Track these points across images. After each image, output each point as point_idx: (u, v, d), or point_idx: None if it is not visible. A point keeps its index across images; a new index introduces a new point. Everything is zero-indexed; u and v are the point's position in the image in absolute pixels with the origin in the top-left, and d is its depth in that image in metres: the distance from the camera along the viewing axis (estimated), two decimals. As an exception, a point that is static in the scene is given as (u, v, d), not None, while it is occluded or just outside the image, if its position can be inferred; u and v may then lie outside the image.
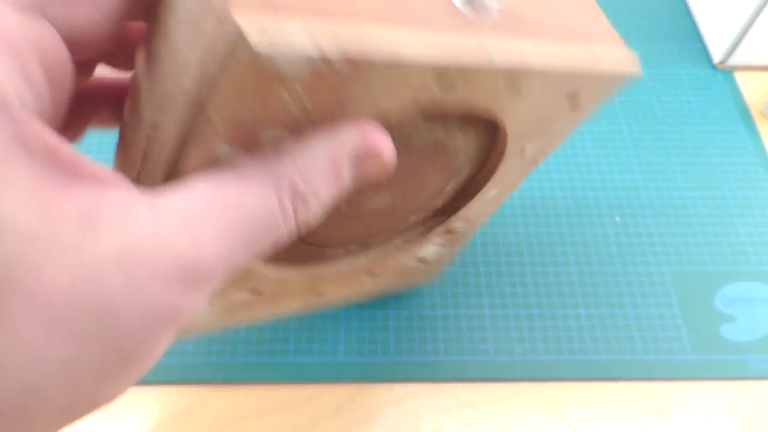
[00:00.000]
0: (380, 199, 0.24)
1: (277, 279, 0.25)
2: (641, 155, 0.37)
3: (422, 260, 0.29)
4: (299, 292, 0.27)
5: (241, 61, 0.13)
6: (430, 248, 0.28)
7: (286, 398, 0.29)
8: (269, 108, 0.14)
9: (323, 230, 0.24)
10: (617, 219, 0.35)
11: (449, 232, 0.28)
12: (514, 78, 0.18)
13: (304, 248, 0.25)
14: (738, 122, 0.39)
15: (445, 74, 0.17)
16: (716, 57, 0.42)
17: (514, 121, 0.21)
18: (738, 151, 0.38)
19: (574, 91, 0.20)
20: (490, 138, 0.23)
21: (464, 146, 0.23)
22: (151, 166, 0.17)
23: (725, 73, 0.42)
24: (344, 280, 0.27)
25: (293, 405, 0.28)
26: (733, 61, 0.41)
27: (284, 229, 0.15)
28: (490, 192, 0.26)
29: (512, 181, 0.26)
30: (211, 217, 0.13)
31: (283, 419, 0.28)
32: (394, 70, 0.15)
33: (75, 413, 0.13)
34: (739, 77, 0.41)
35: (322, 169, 0.15)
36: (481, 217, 0.28)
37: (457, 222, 0.27)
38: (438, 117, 0.21)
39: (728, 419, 0.29)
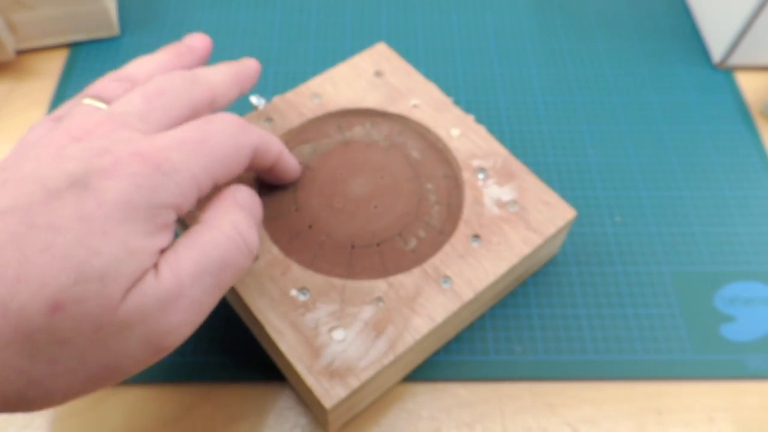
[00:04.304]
0: (359, 184, 0.31)
1: (389, 283, 0.27)
2: (641, 155, 0.37)
3: (510, 203, 0.30)
4: (424, 287, 0.27)
5: None
6: (492, 187, 0.30)
7: (285, 398, 0.29)
8: None
9: (357, 230, 0.29)
10: (617, 219, 0.35)
11: (481, 166, 0.31)
12: None
13: (372, 252, 0.29)
14: (738, 122, 0.39)
15: None
16: (716, 57, 0.42)
17: None
18: (738, 151, 0.38)
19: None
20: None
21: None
22: None
23: (725, 73, 0.42)
24: (456, 256, 0.28)
25: (294, 404, 0.28)
26: (733, 60, 0.41)
27: (239, 243, 0.22)
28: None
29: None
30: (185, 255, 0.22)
31: (282, 418, 0.28)
32: None
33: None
34: (739, 77, 0.41)
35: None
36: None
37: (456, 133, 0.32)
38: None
39: (728, 419, 0.29)
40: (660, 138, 0.38)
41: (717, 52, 0.42)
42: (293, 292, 0.27)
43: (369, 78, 0.34)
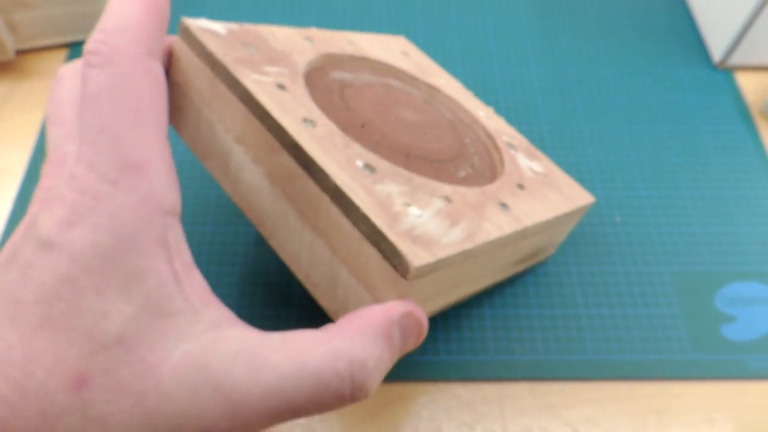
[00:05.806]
0: (407, 113, 0.29)
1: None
2: (641, 155, 0.37)
3: (541, 174, 0.31)
4: (486, 204, 0.25)
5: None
6: (523, 159, 0.31)
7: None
8: None
9: (412, 142, 0.27)
10: (617, 219, 0.35)
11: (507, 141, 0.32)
12: None
13: (428, 166, 0.26)
14: (738, 122, 0.39)
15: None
16: (716, 57, 0.42)
17: None
18: (738, 151, 0.38)
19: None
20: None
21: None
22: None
23: (725, 73, 0.42)
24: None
25: (293, 405, 0.28)
26: (733, 60, 0.41)
27: (344, 390, 0.18)
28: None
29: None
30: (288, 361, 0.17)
31: (282, 419, 0.28)
32: None
33: None
34: (739, 77, 0.41)
35: (377, 339, 0.19)
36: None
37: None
38: None
39: (728, 419, 0.29)
40: (660, 138, 0.38)
41: (717, 52, 0.42)
42: (359, 163, 0.22)
43: (396, 54, 0.34)
